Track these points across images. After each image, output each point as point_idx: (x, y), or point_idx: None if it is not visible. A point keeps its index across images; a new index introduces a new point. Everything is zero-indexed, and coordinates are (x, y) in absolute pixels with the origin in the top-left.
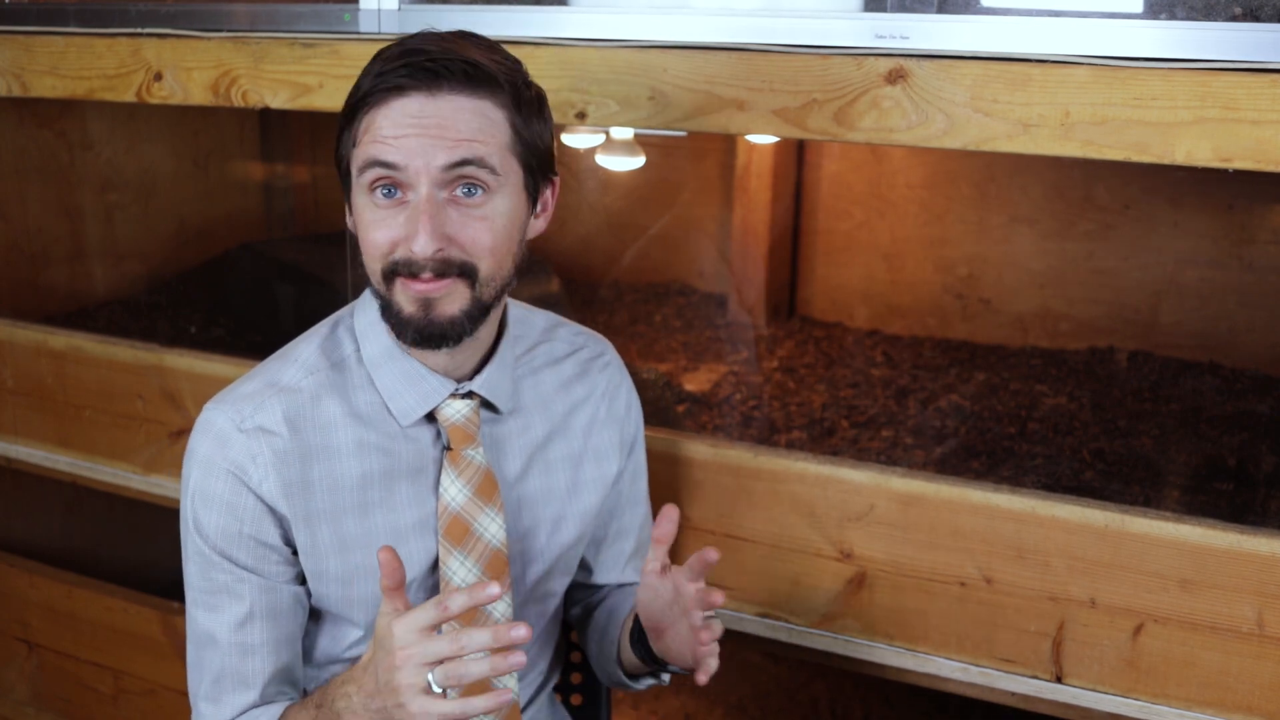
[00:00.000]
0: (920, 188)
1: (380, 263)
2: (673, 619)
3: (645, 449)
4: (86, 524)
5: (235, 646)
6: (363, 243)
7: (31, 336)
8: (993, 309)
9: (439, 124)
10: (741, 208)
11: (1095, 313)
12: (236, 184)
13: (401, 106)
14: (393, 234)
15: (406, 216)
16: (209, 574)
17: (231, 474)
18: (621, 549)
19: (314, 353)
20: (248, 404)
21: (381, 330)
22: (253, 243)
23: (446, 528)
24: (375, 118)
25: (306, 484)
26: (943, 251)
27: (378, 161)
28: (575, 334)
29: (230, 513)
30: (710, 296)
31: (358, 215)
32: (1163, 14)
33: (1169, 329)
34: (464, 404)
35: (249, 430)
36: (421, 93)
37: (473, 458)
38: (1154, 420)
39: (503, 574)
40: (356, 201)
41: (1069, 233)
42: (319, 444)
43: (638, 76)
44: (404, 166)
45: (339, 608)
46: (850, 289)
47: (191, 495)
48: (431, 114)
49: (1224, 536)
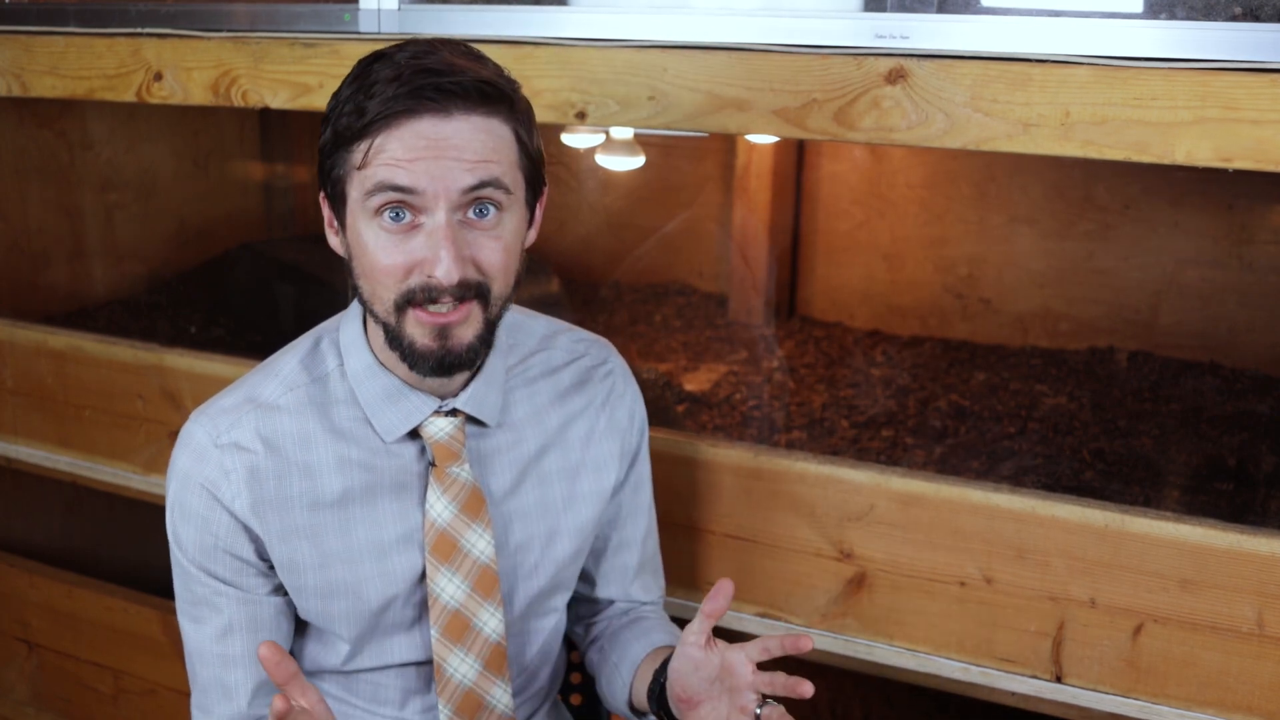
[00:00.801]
0: (920, 188)
1: (394, 291)
2: (712, 694)
3: (649, 457)
4: (86, 524)
5: (217, 658)
6: (367, 269)
7: (31, 336)
8: (993, 309)
9: (455, 146)
10: (741, 208)
11: (1095, 313)
12: (236, 184)
13: (413, 128)
14: (407, 260)
15: (423, 242)
16: (190, 586)
17: (205, 489)
18: (624, 562)
19: (295, 368)
20: (225, 418)
21: (364, 345)
22: (253, 243)
23: (434, 544)
24: (385, 141)
25: (284, 500)
26: (943, 251)
27: (391, 185)
28: (576, 341)
29: (205, 527)
30: (710, 296)
31: (359, 239)
32: (1163, 14)
33: (1169, 329)
34: (448, 421)
35: (224, 446)
36: (434, 114)
37: (458, 475)
38: (1154, 420)
39: (492, 590)
40: (357, 225)
41: (1069, 233)
42: (298, 460)
43: (638, 76)
44: (421, 191)
45: (321, 621)
46: (850, 289)
47: (170, 507)
48: (447, 135)
49: (1224, 536)
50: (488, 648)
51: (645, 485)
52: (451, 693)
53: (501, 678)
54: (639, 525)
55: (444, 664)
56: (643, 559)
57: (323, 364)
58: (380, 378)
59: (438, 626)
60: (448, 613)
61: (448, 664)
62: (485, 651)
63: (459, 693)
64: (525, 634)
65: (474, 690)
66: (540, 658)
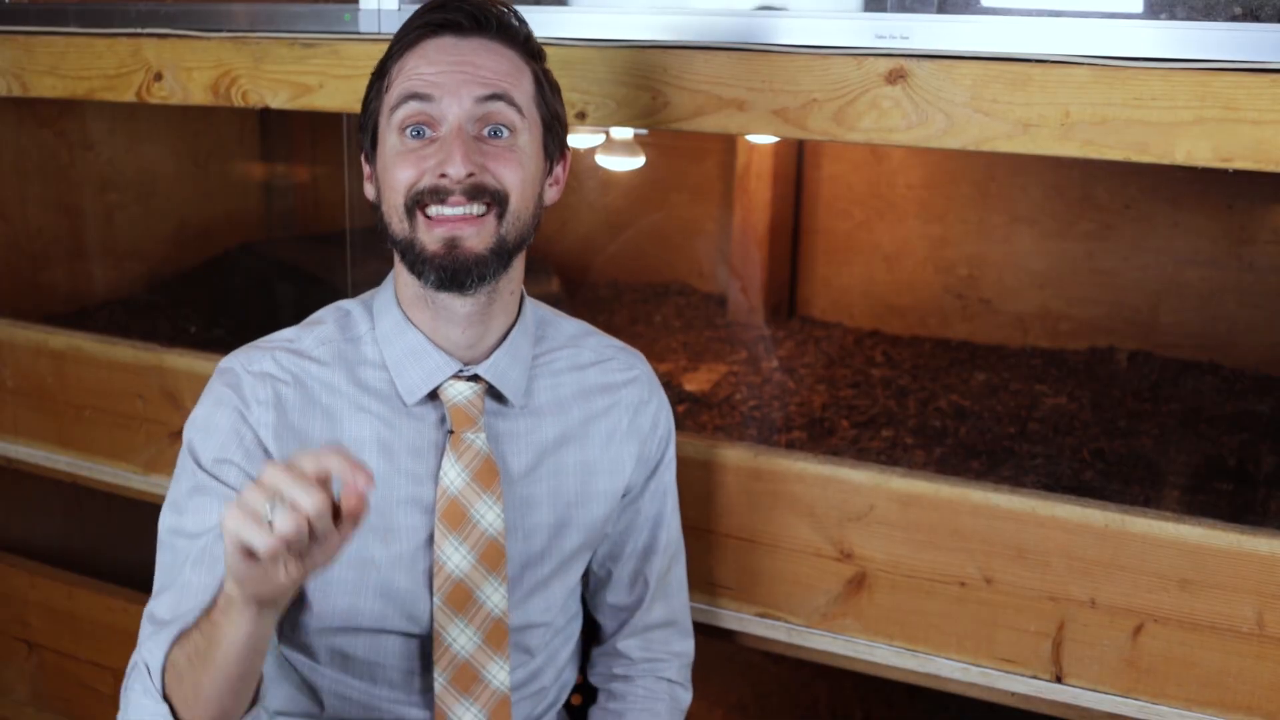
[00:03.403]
0: (920, 188)
1: (403, 195)
2: None
3: (674, 468)
4: (86, 524)
5: (199, 550)
6: (387, 186)
7: (31, 336)
8: (993, 309)
9: (472, 61)
10: (741, 208)
11: (1095, 313)
12: (236, 184)
13: (436, 45)
14: (421, 166)
15: (437, 147)
16: (195, 498)
17: (234, 409)
18: (638, 569)
19: (331, 327)
20: (259, 352)
21: (394, 304)
22: (253, 243)
23: (444, 511)
24: (408, 59)
25: (304, 434)
26: (943, 251)
27: (411, 95)
28: (605, 345)
29: (226, 443)
30: (710, 296)
31: (385, 157)
32: (1163, 14)
33: (1169, 329)
34: (468, 386)
35: (256, 374)
36: (454, 34)
37: (473, 441)
38: (1154, 420)
39: (498, 564)
40: (386, 144)
41: (1069, 233)
42: (323, 403)
43: (638, 76)
44: (438, 98)
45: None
46: (850, 289)
47: (192, 424)
48: (465, 52)
49: (1224, 536)
50: (489, 621)
51: (667, 496)
52: (449, 663)
53: (500, 654)
54: (659, 535)
55: (444, 633)
56: (663, 574)
57: (356, 326)
58: (407, 334)
59: (441, 594)
60: (451, 581)
61: (447, 633)
62: (486, 625)
63: (456, 663)
64: (527, 621)
65: (470, 663)
66: (544, 651)
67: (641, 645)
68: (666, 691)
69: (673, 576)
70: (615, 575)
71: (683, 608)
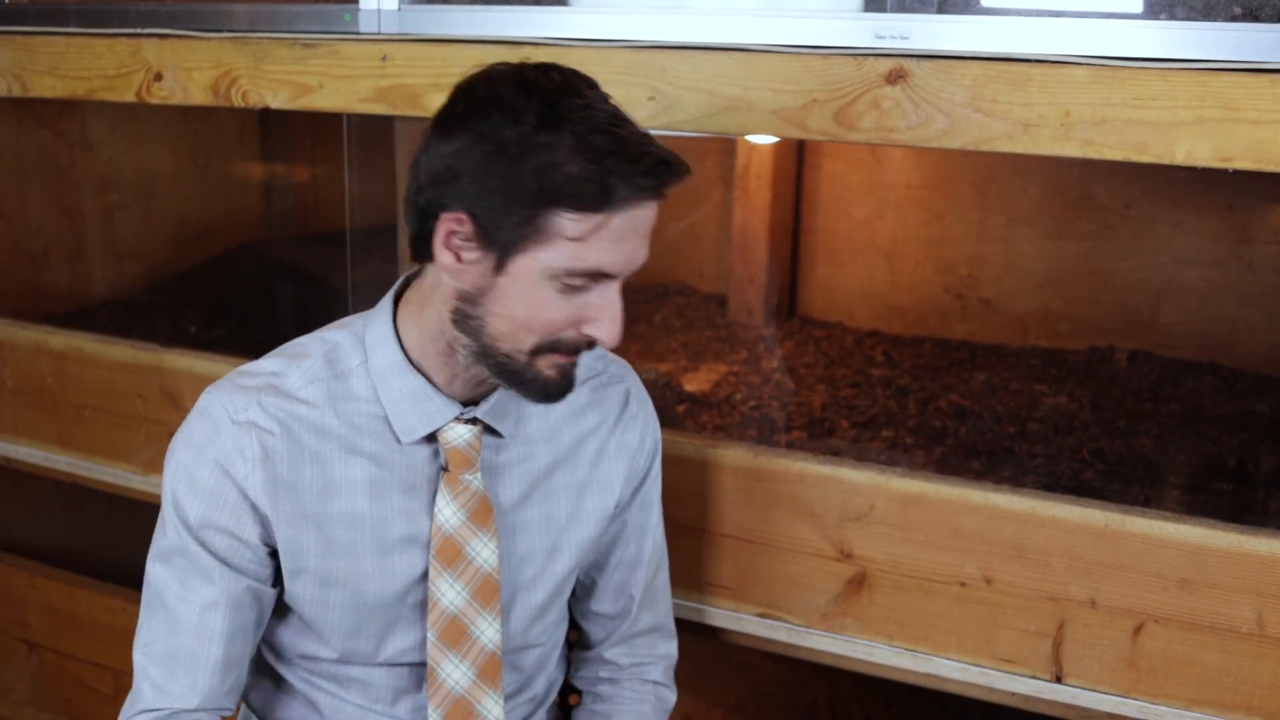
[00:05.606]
0: (920, 188)
1: (542, 336)
2: None
3: (660, 479)
4: (86, 524)
5: (196, 629)
6: (524, 320)
7: (31, 336)
8: (993, 309)
9: (650, 226)
10: (741, 208)
11: (1095, 313)
12: (236, 184)
13: (639, 213)
14: (572, 316)
15: (596, 304)
16: (178, 560)
17: (219, 465)
18: (624, 580)
19: (318, 362)
20: (244, 396)
21: (393, 343)
22: (253, 243)
23: (439, 549)
24: (609, 219)
25: (295, 485)
26: (943, 251)
27: (600, 272)
28: (596, 358)
29: (212, 502)
30: (710, 296)
31: (522, 294)
32: (1162, 14)
33: (1169, 329)
34: (467, 429)
35: (241, 423)
36: (656, 197)
37: (470, 482)
38: (1154, 420)
39: (491, 600)
40: (529, 282)
41: (1069, 233)
42: (312, 448)
43: (638, 76)
44: (618, 274)
45: (315, 610)
46: (850, 289)
47: (174, 475)
48: (650, 218)
49: (1224, 536)
50: (483, 657)
51: (651, 506)
52: (442, 698)
53: (494, 688)
54: (644, 545)
55: (437, 668)
56: (649, 583)
57: (346, 360)
58: (407, 377)
59: (435, 630)
60: (446, 617)
61: (441, 669)
62: (480, 660)
63: (450, 699)
64: (522, 645)
65: (465, 699)
66: (535, 665)
67: (628, 652)
68: (652, 693)
69: (658, 583)
70: (600, 585)
71: (667, 612)
